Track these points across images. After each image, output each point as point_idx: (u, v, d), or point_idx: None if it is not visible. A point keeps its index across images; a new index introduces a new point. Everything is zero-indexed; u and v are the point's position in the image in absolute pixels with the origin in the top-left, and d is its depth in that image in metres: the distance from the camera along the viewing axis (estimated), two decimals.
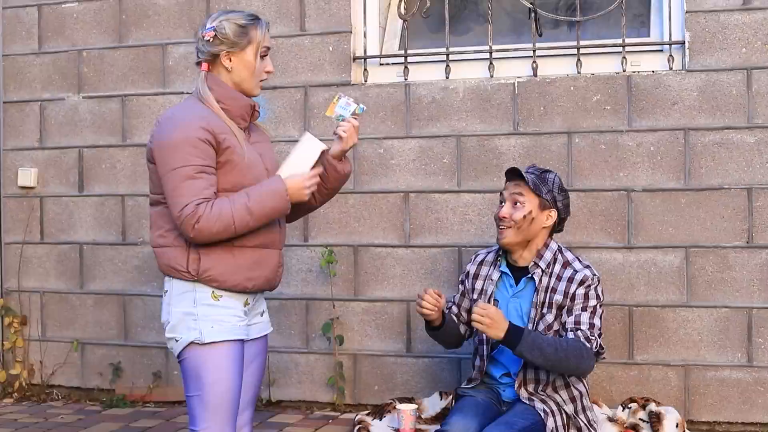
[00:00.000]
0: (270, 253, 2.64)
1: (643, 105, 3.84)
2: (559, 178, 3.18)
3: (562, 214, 3.17)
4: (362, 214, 4.15)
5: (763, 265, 3.71)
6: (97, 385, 4.61)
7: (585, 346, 2.98)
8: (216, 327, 2.55)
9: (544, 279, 3.10)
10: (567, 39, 4.08)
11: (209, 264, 2.55)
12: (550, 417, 2.98)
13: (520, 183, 3.12)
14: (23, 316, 4.72)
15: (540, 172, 3.16)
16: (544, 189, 3.11)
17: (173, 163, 2.49)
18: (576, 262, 3.13)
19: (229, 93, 2.61)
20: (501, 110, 3.99)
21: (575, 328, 3.02)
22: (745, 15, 3.74)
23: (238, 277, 2.58)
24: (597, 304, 3.08)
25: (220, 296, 2.57)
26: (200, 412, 2.55)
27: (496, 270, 3.21)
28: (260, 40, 2.61)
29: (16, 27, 4.74)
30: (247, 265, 2.59)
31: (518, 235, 3.10)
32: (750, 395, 3.72)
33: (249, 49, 2.61)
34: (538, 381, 3.07)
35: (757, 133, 3.72)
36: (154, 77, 4.49)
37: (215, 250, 2.55)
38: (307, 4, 4.25)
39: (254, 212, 2.50)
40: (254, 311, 2.72)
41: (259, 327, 2.75)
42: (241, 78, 2.62)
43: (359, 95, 4.16)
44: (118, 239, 4.56)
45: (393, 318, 4.13)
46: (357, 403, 4.17)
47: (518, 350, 2.92)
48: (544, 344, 2.93)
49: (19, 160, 4.73)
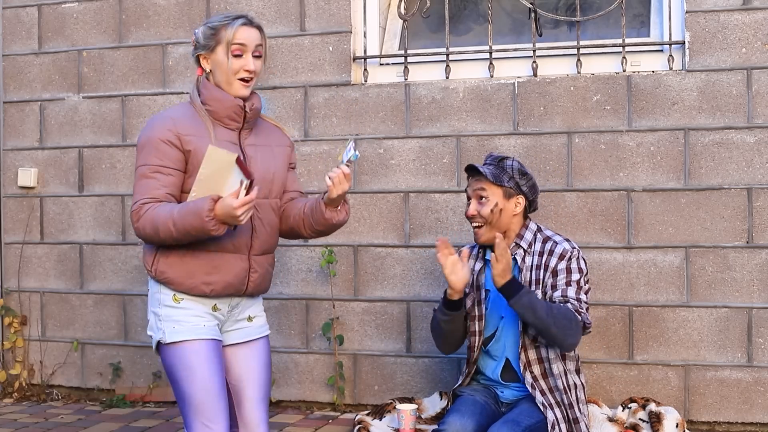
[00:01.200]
0: (233, 258, 2.63)
1: (643, 105, 3.84)
2: (518, 162, 3.16)
3: (529, 197, 3.17)
4: (362, 214, 4.15)
5: (763, 265, 3.71)
6: (97, 385, 4.61)
7: (575, 317, 2.98)
8: (177, 327, 2.60)
9: (527, 258, 3.12)
10: (567, 39, 4.08)
11: (165, 266, 2.61)
12: (550, 410, 2.99)
13: (480, 178, 3.12)
14: (23, 316, 4.72)
15: (497, 160, 3.15)
16: (504, 177, 3.10)
17: (137, 161, 2.61)
18: (555, 236, 3.15)
19: (214, 94, 2.64)
20: (501, 110, 3.99)
21: (563, 301, 3.01)
22: (745, 15, 3.74)
23: (194, 281, 2.60)
24: (580, 277, 3.07)
25: (181, 299, 2.62)
26: (185, 412, 2.61)
27: (479, 260, 3.23)
28: (229, 38, 2.60)
29: (16, 27, 4.74)
30: (204, 269, 2.60)
31: (491, 230, 3.10)
32: (750, 395, 3.72)
33: (219, 49, 2.63)
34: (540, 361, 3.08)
35: (757, 133, 3.72)
36: (154, 77, 4.49)
37: (173, 252, 2.59)
38: (307, 4, 4.26)
39: (177, 226, 2.48)
40: (235, 317, 2.73)
41: (245, 332, 2.75)
42: (219, 79, 2.65)
43: (359, 95, 4.16)
44: (118, 239, 4.56)
45: (393, 318, 4.13)
46: (357, 403, 4.17)
47: (513, 301, 2.91)
48: (539, 305, 2.93)
49: (19, 160, 4.73)
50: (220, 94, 2.63)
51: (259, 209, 2.66)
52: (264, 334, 2.81)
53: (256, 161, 2.67)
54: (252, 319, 2.78)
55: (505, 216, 3.11)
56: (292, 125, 4.25)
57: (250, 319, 2.77)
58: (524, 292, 2.93)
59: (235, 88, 2.63)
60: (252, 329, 2.77)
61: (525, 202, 3.15)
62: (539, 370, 3.08)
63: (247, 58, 2.63)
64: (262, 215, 2.69)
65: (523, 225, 3.16)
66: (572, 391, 3.10)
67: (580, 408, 3.11)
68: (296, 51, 4.26)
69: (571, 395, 3.09)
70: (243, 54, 2.62)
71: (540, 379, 3.07)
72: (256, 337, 2.78)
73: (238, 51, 2.61)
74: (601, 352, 3.86)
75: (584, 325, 3.03)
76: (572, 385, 3.11)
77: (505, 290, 2.93)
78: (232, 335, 2.74)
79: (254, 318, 2.79)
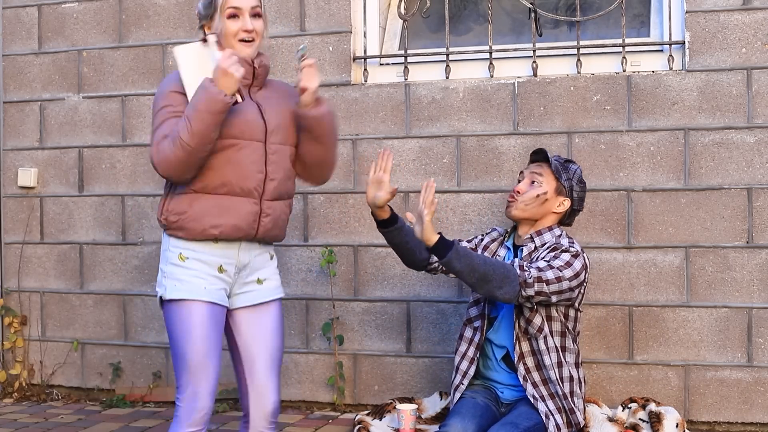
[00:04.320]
0: (242, 201, 2.68)
1: (643, 105, 3.84)
2: (581, 171, 3.29)
3: (575, 206, 3.25)
4: (362, 214, 4.15)
5: (763, 265, 3.71)
6: (97, 385, 4.61)
7: (514, 271, 2.94)
8: (178, 285, 2.67)
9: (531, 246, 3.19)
10: (567, 39, 4.08)
11: (175, 211, 2.69)
12: (541, 402, 3.00)
13: (543, 164, 3.22)
14: (23, 316, 4.72)
15: (564, 160, 3.27)
16: (564, 176, 3.20)
17: (153, 117, 2.72)
18: (565, 239, 3.19)
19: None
20: (501, 110, 3.99)
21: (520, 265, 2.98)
22: (745, 15, 3.74)
23: (202, 224, 2.65)
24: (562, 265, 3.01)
25: (186, 258, 2.68)
26: (176, 368, 2.69)
27: (503, 247, 3.30)
28: (222, 3, 2.70)
29: (16, 27, 4.74)
30: (213, 211, 2.66)
31: (525, 211, 3.18)
32: (750, 395, 3.72)
33: (216, 16, 2.72)
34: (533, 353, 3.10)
35: (757, 133, 3.72)
36: (154, 77, 4.49)
37: (184, 197, 2.68)
38: (307, 4, 4.26)
39: (192, 121, 2.56)
40: (243, 279, 2.75)
41: (254, 295, 2.77)
42: (224, 44, 2.72)
43: (359, 95, 4.16)
44: (118, 239, 4.56)
45: (393, 318, 4.13)
46: (357, 403, 4.17)
47: (448, 257, 2.90)
48: (474, 257, 2.92)
49: (19, 160, 4.73)
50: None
51: (274, 154, 2.73)
52: (275, 297, 2.81)
53: (270, 108, 2.74)
54: (262, 282, 2.79)
55: (544, 207, 3.19)
56: None
57: (259, 282, 2.78)
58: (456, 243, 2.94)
59: (238, 49, 2.70)
60: (262, 292, 2.78)
61: (568, 207, 3.23)
62: (532, 362, 3.10)
63: (245, 18, 2.70)
64: (277, 159, 2.74)
65: (549, 227, 3.21)
66: (566, 383, 3.11)
67: (574, 401, 3.12)
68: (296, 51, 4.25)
69: (565, 387, 3.10)
70: (239, 16, 2.70)
71: (533, 371, 3.09)
72: (266, 300, 2.79)
73: (233, 13, 2.70)
74: (601, 352, 3.86)
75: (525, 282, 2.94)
76: (567, 377, 3.12)
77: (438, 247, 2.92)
78: (240, 298, 2.76)
79: (264, 281, 2.79)
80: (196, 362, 2.65)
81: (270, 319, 2.79)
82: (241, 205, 2.68)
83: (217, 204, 2.66)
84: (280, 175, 2.75)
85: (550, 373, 3.07)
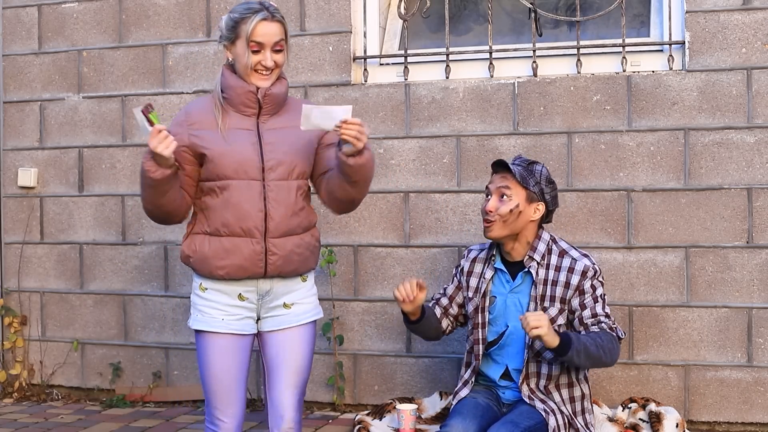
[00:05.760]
0: (242, 241, 2.66)
1: (643, 105, 3.84)
2: (547, 169, 3.12)
3: (549, 207, 3.12)
4: (362, 214, 4.15)
5: (763, 265, 3.71)
6: (97, 385, 4.61)
7: (614, 337, 2.99)
8: (199, 316, 2.73)
9: (541, 271, 3.07)
10: (567, 39, 4.08)
11: (189, 248, 2.73)
12: (552, 416, 2.98)
13: (507, 175, 3.07)
14: (23, 316, 4.72)
15: (527, 163, 3.10)
16: (531, 181, 3.05)
17: None
18: (572, 251, 3.11)
19: (229, 82, 2.69)
20: (501, 110, 3.99)
21: (596, 321, 3.00)
22: (745, 15, 3.74)
23: (209, 266, 2.68)
24: (603, 292, 3.08)
25: (205, 288, 2.72)
26: (204, 395, 2.75)
27: (490, 267, 3.17)
28: (248, 34, 2.62)
29: (16, 27, 4.74)
30: (217, 253, 2.67)
31: (504, 228, 3.04)
32: (750, 395, 3.72)
33: (239, 43, 2.65)
34: (539, 375, 3.06)
35: (757, 133, 3.72)
36: (154, 77, 4.49)
37: (194, 237, 2.73)
38: (307, 4, 4.26)
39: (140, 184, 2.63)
40: (268, 304, 2.74)
41: (280, 320, 2.75)
42: (239, 69, 2.69)
43: (359, 95, 4.16)
44: (118, 239, 4.56)
45: (393, 318, 4.13)
46: (357, 403, 4.17)
47: (569, 355, 2.86)
48: (588, 343, 2.90)
49: (19, 160, 4.73)
50: (234, 82, 2.68)
51: (273, 191, 2.66)
52: (302, 321, 2.77)
53: (274, 141, 2.68)
54: (290, 306, 2.75)
55: (521, 219, 3.05)
56: None
57: (287, 306, 2.75)
58: (575, 342, 2.87)
59: (254, 79, 2.67)
60: (288, 317, 2.75)
61: (544, 210, 3.10)
62: (542, 383, 3.06)
63: (266, 53, 2.64)
64: (277, 197, 2.67)
65: (537, 235, 3.11)
66: (577, 403, 3.10)
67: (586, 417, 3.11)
68: (296, 51, 4.26)
69: (576, 406, 3.09)
70: (261, 50, 2.64)
71: (537, 392, 3.06)
72: (294, 324, 2.76)
73: (255, 47, 2.63)
74: None
75: (619, 339, 3.04)
76: (579, 396, 3.11)
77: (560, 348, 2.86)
78: (267, 322, 2.76)
79: (293, 305, 2.76)
80: (219, 393, 2.71)
81: (297, 341, 2.76)
82: (244, 245, 2.65)
83: (222, 246, 2.66)
84: (282, 212, 2.67)
85: (555, 395, 3.06)
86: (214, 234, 2.67)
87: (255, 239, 2.66)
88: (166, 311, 4.47)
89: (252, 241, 2.66)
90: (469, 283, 3.21)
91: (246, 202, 2.64)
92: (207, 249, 2.68)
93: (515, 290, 3.11)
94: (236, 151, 2.64)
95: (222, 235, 2.66)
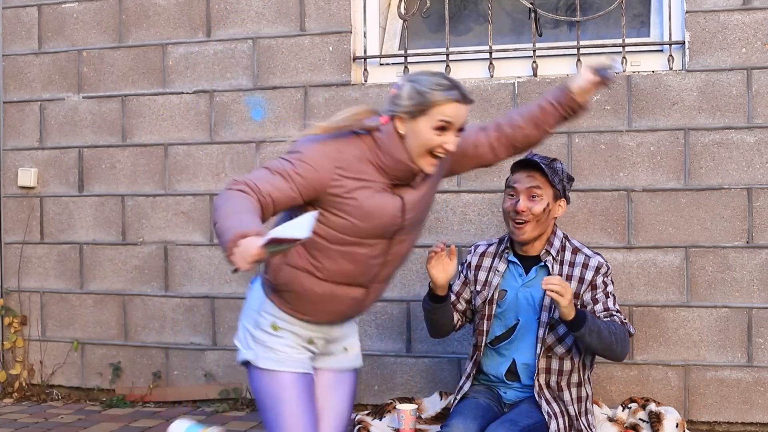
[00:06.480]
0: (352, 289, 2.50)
1: (643, 105, 3.84)
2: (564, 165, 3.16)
3: (569, 203, 3.17)
4: None
5: (763, 265, 3.71)
6: (97, 385, 4.61)
7: (624, 329, 3.01)
8: (270, 354, 2.49)
9: (555, 267, 3.08)
10: (567, 39, 4.08)
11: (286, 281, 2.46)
12: (553, 420, 2.98)
13: (535, 174, 3.04)
14: (23, 316, 4.72)
15: (549, 161, 3.10)
16: (556, 178, 3.07)
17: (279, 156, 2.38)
18: (585, 249, 3.14)
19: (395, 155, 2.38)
20: (501, 110, 3.99)
21: (608, 315, 3.02)
22: (745, 15, 3.74)
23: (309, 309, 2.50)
24: (613, 290, 3.11)
25: (279, 328, 2.51)
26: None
27: (503, 261, 3.15)
28: (438, 113, 2.33)
29: (16, 27, 4.74)
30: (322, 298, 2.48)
31: (536, 228, 3.04)
32: (750, 395, 3.72)
33: (422, 120, 2.34)
34: (550, 371, 3.06)
35: (757, 133, 3.72)
36: (154, 77, 4.49)
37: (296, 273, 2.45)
38: (307, 4, 4.25)
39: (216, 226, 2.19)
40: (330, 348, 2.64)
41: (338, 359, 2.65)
42: (411, 146, 2.37)
43: (359, 95, 4.16)
44: (118, 239, 4.56)
45: (393, 318, 4.13)
46: (357, 403, 4.17)
47: (582, 331, 2.87)
48: (601, 326, 2.92)
49: (19, 160, 4.73)
50: (401, 155, 2.38)
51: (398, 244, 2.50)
52: (354, 367, 2.70)
53: (415, 204, 2.48)
54: (348, 350, 2.69)
55: (550, 218, 3.07)
56: (292, 125, 4.24)
57: (345, 350, 2.68)
58: (589, 319, 2.89)
59: (423, 162, 2.38)
60: (345, 360, 2.67)
61: (566, 207, 3.13)
62: (553, 380, 3.07)
63: (450, 135, 2.36)
64: (400, 249, 2.52)
65: (552, 231, 3.13)
66: (583, 403, 3.10)
67: (588, 419, 3.12)
68: (296, 51, 4.26)
69: (581, 406, 3.09)
70: (447, 129, 2.36)
71: (546, 389, 3.05)
72: (348, 368, 2.69)
73: (442, 126, 2.35)
74: None
75: (630, 334, 3.06)
76: (584, 396, 3.11)
77: (575, 321, 2.87)
78: (324, 360, 2.64)
79: (350, 349, 2.69)
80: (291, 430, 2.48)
81: (347, 389, 2.68)
82: (352, 292, 2.50)
83: (330, 291, 2.46)
84: (397, 263, 2.55)
85: (563, 394, 3.06)
86: (324, 279, 2.45)
87: (364, 288, 2.52)
88: (166, 311, 4.47)
89: (361, 289, 2.52)
90: (477, 277, 3.19)
91: (371, 259, 2.47)
92: (311, 291, 2.45)
93: (528, 284, 3.10)
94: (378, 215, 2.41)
95: (335, 282, 2.46)
